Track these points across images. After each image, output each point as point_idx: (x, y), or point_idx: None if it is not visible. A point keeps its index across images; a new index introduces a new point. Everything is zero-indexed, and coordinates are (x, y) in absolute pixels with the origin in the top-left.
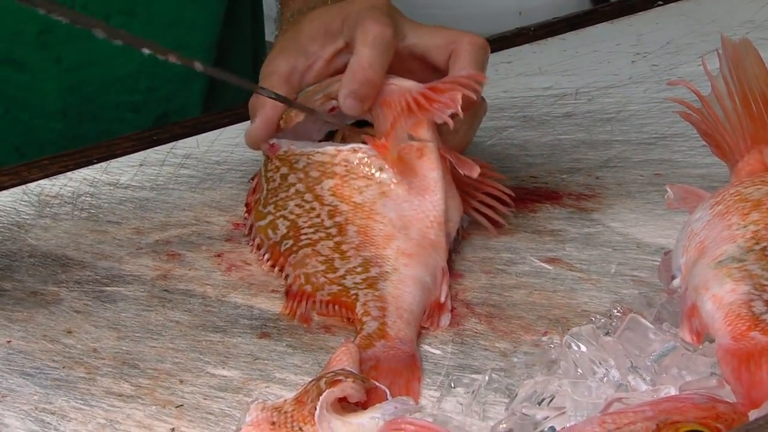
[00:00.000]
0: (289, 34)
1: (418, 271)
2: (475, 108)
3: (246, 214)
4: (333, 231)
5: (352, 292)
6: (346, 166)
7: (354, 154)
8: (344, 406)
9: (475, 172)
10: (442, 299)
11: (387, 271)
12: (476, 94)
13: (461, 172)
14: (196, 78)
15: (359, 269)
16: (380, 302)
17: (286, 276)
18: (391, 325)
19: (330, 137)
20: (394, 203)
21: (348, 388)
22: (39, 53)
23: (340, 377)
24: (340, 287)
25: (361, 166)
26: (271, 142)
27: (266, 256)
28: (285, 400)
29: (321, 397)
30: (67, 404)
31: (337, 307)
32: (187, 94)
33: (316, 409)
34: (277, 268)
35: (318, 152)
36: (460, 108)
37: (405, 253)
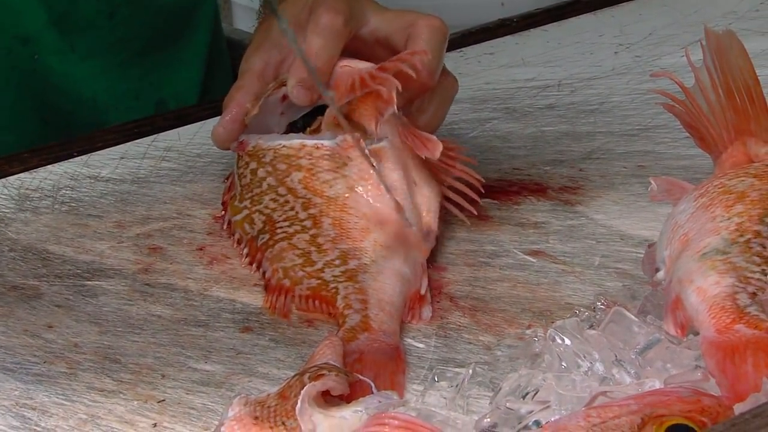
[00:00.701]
0: (263, 27)
1: (396, 263)
2: (443, 86)
3: (222, 212)
4: (308, 224)
5: (332, 285)
6: (310, 159)
7: (317, 150)
8: (327, 399)
9: (435, 152)
10: (422, 291)
11: (366, 263)
12: (415, 70)
13: (420, 154)
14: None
15: (337, 262)
16: (361, 294)
17: (264, 272)
18: (374, 318)
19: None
20: (364, 200)
21: (330, 382)
22: (52, 35)
23: (324, 371)
24: (319, 281)
25: (324, 160)
26: (240, 140)
27: (245, 251)
28: (268, 395)
29: (302, 391)
30: (48, 399)
31: (317, 302)
32: (179, 81)
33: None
34: (254, 265)
35: (284, 146)
36: (398, 85)
37: (383, 246)
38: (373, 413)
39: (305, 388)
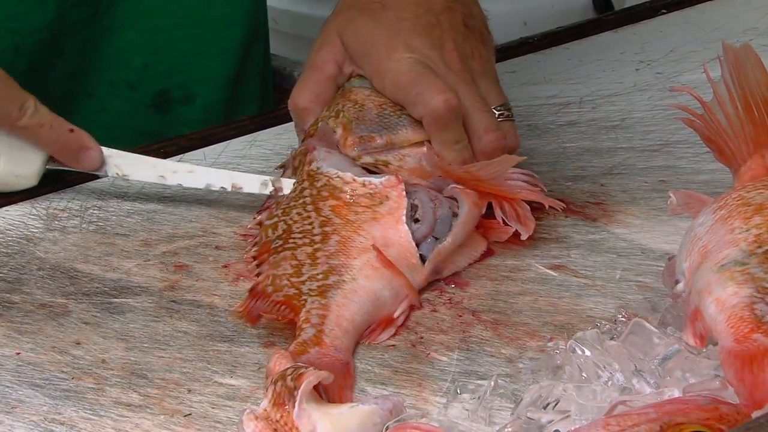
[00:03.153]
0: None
1: (377, 284)
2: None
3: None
4: (317, 238)
5: (304, 297)
6: (352, 194)
7: (363, 187)
8: (317, 400)
9: (529, 232)
10: (395, 314)
11: (344, 281)
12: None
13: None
14: (198, 54)
15: (320, 276)
16: (323, 310)
17: (259, 273)
18: (328, 333)
19: None
20: (381, 227)
21: (319, 373)
22: (49, 49)
23: (301, 370)
24: (296, 291)
25: (365, 198)
26: (312, 145)
27: (254, 249)
28: (264, 409)
29: (298, 393)
30: (76, 414)
31: (284, 308)
32: (187, 71)
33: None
34: (255, 262)
35: (338, 177)
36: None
37: (372, 266)
38: (371, 408)
39: (301, 388)
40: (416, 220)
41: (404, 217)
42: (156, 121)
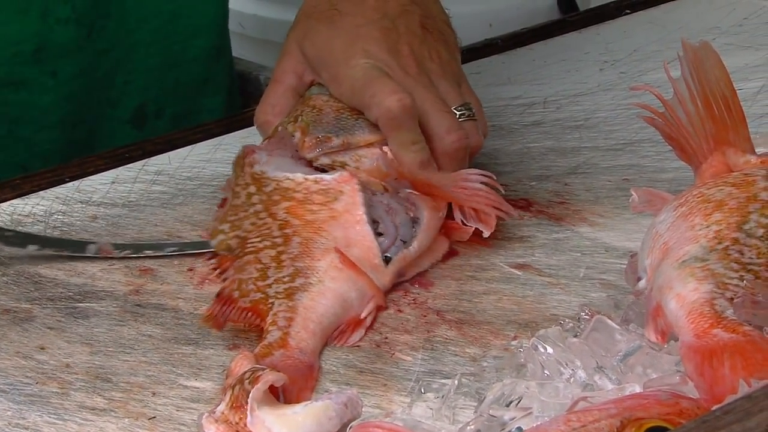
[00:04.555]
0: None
1: (343, 285)
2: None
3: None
4: (279, 240)
5: (270, 300)
6: (305, 192)
7: (315, 184)
8: (272, 403)
9: (490, 228)
10: (362, 315)
11: (311, 283)
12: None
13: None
14: (168, 66)
15: (286, 278)
16: (290, 313)
17: (225, 278)
18: (294, 336)
19: None
20: (341, 226)
21: (269, 376)
22: (36, 70)
23: (259, 372)
24: (262, 295)
25: (318, 195)
26: (252, 148)
27: (214, 261)
28: (222, 412)
29: (249, 401)
30: (41, 419)
31: (252, 315)
32: (159, 84)
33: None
34: (218, 270)
35: (288, 179)
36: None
37: (337, 267)
38: (324, 403)
39: (251, 394)
40: (379, 234)
41: (364, 216)
42: (132, 137)
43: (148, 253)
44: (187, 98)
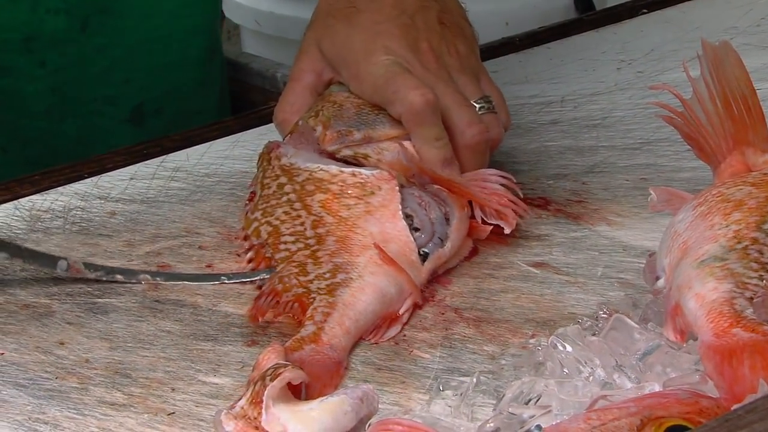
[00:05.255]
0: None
1: (383, 280)
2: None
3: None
4: (312, 242)
5: (312, 295)
6: (341, 185)
7: (353, 177)
8: (289, 399)
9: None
10: (401, 311)
11: (352, 278)
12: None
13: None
14: (167, 65)
15: (327, 275)
16: (329, 308)
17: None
18: (327, 331)
19: None
20: (377, 221)
21: (288, 374)
22: (24, 58)
23: (280, 369)
24: (305, 290)
25: (355, 188)
26: (277, 143)
27: (250, 255)
28: (242, 407)
29: (264, 397)
30: (60, 414)
31: (296, 305)
32: (159, 84)
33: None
34: (252, 265)
35: (322, 169)
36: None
37: (376, 263)
38: (340, 398)
39: (266, 391)
40: (416, 229)
41: (400, 212)
42: (130, 135)
43: (119, 278)
44: (185, 98)
